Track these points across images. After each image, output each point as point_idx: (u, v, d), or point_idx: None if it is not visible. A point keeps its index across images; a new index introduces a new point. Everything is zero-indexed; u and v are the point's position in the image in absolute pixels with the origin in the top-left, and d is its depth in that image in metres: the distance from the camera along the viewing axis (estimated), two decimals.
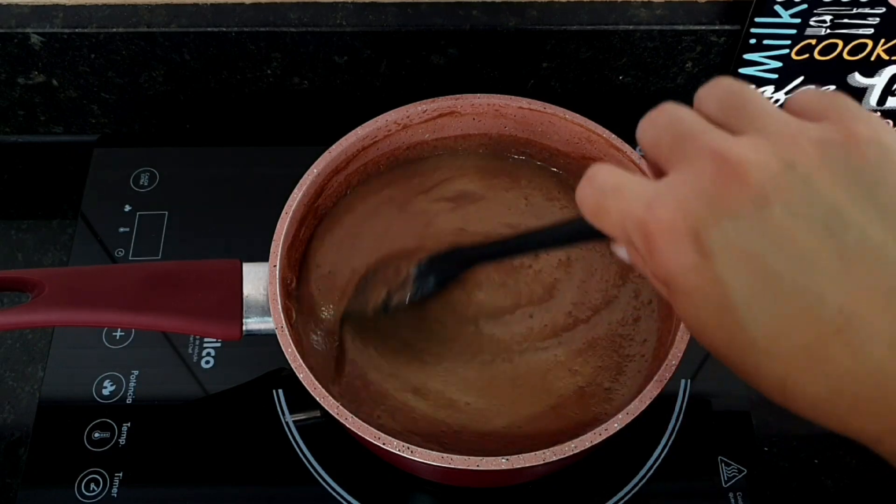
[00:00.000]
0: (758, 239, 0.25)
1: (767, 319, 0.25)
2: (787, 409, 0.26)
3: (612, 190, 0.28)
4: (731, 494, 0.49)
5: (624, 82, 0.61)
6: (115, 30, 0.56)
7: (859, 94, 0.58)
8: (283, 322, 0.44)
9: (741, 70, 0.56)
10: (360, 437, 0.41)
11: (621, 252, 0.31)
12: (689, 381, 0.52)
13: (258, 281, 0.47)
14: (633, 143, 0.50)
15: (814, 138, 0.26)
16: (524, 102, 0.51)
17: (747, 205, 0.25)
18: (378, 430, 0.40)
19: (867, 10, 0.52)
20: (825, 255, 0.24)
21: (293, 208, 0.47)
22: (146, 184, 0.60)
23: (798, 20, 0.53)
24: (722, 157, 0.26)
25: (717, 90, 0.29)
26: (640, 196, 0.27)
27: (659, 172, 0.28)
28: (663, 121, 0.29)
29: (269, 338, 0.44)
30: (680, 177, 0.27)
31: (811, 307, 0.24)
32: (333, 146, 0.50)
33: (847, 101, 0.27)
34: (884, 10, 0.52)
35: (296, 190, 0.48)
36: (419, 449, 0.40)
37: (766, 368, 0.26)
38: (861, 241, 0.24)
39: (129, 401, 0.52)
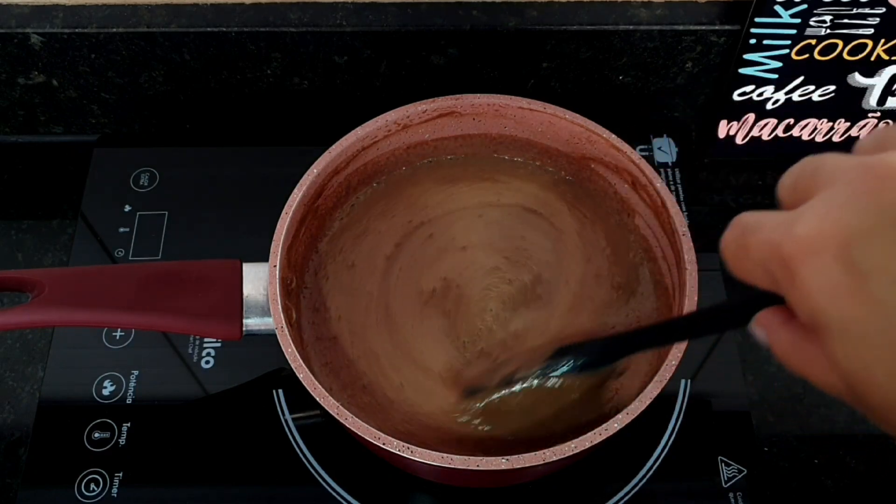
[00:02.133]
0: None
1: None
2: None
3: (753, 225, 0.24)
4: (731, 494, 0.49)
5: (624, 82, 0.61)
6: (115, 30, 0.56)
7: (859, 94, 0.58)
8: (283, 322, 0.44)
9: (741, 70, 0.56)
10: (360, 437, 0.41)
11: (760, 336, 0.27)
12: (689, 381, 0.52)
13: (258, 281, 0.47)
14: (633, 143, 0.50)
15: None
16: (524, 102, 0.51)
17: None
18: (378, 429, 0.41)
19: (867, 10, 0.52)
20: None
21: (293, 208, 0.47)
22: (146, 184, 0.60)
23: (798, 20, 0.53)
24: (869, 166, 0.22)
25: (874, 132, 0.25)
26: (780, 222, 0.23)
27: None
28: (803, 164, 0.25)
29: (269, 338, 0.44)
30: (822, 195, 0.23)
31: None
32: (333, 146, 0.50)
33: None
34: (884, 10, 0.52)
35: (296, 190, 0.48)
36: (419, 449, 0.40)
37: None
38: None
39: (129, 401, 0.52)
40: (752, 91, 0.58)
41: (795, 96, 0.58)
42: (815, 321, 0.22)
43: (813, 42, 0.54)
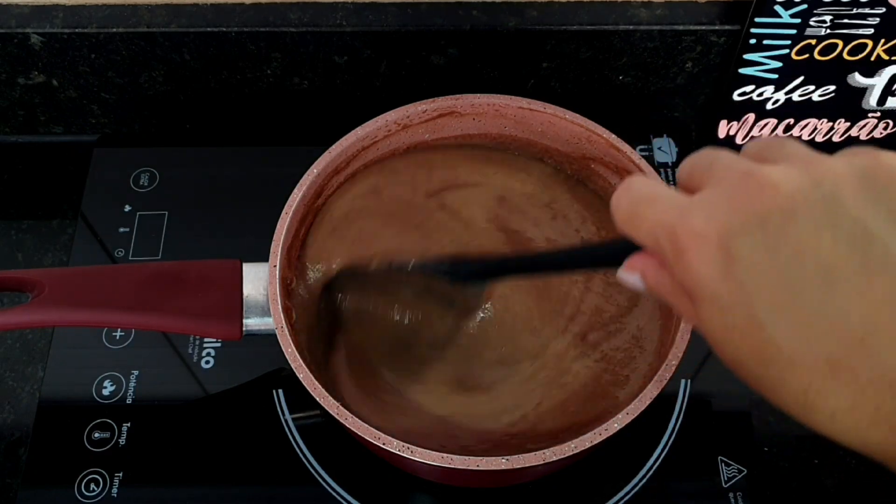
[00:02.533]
0: (784, 249, 0.25)
1: (791, 330, 0.25)
2: (807, 423, 0.27)
3: (647, 198, 0.29)
4: (731, 494, 0.49)
5: (624, 82, 0.61)
6: (115, 30, 0.56)
7: (859, 94, 0.58)
8: (283, 322, 0.44)
9: (741, 70, 0.56)
10: (360, 437, 0.41)
11: (631, 278, 0.32)
12: (689, 381, 0.52)
13: (258, 281, 0.47)
14: (633, 143, 0.50)
15: (841, 163, 0.27)
16: (524, 102, 0.51)
17: (775, 215, 0.25)
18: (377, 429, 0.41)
19: (867, 10, 0.52)
20: (849, 267, 0.25)
21: (293, 208, 0.47)
22: (146, 184, 0.60)
23: (798, 20, 0.53)
24: (752, 174, 0.27)
25: (759, 141, 0.30)
26: (674, 205, 0.28)
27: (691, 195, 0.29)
28: (700, 155, 0.30)
29: (269, 338, 0.44)
30: (712, 191, 0.28)
31: (835, 318, 0.25)
32: (333, 146, 0.50)
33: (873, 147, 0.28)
34: (884, 10, 0.52)
35: (296, 190, 0.48)
36: (419, 449, 0.40)
37: (788, 380, 0.26)
38: (885, 255, 0.25)
39: (129, 401, 0.52)
40: (752, 91, 0.58)
41: (795, 96, 0.58)
42: (691, 290, 0.28)
43: (813, 42, 0.54)
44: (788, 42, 0.54)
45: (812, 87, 0.57)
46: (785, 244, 0.25)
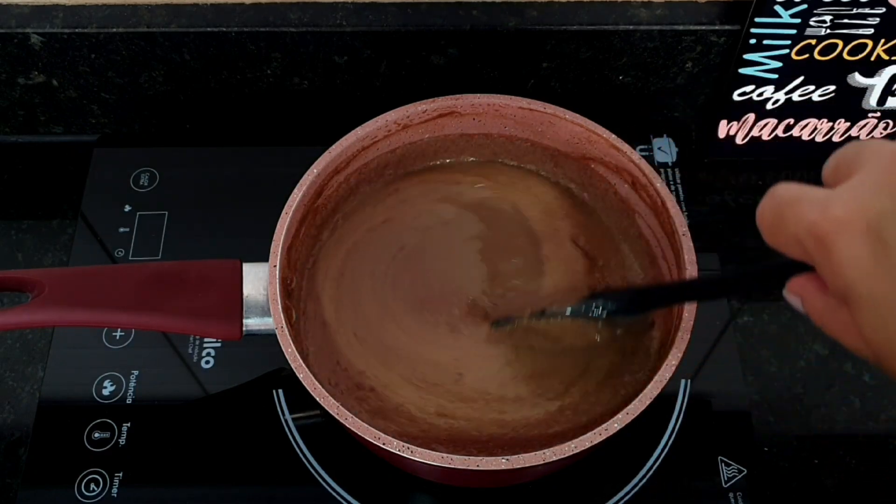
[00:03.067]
0: None
1: None
2: None
3: (789, 200, 0.26)
4: (731, 494, 0.49)
5: (624, 82, 0.61)
6: (115, 30, 0.56)
7: (859, 94, 0.58)
8: (283, 322, 0.44)
9: (741, 70, 0.56)
10: (360, 437, 0.41)
11: (794, 301, 0.29)
12: (689, 381, 0.52)
13: (258, 281, 0.47)
14: (633, 143, 0.50)
15: None
16: (524, 102, 0.51)
17: None
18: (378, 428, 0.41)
19: (867, 10, 0.52)
20: None
21: (293, 208, 0.47)
22: (146, 184, 0.60)
23: (798, 20, 0.53)
24: None
25: None
26: (817, 200, 0.25)
27: None
28: (846, 147, 0.27)
29: (269, 338, 0.44)
30: (858, 178, 0.25)
31: None
32: (333, 146, 0.50)
33: None
34: (884, 10, 0.52)
35: (296, 190, 0.48)
36: (419, 449, 0.40)
37: None
38: None
39: (129, 401, 0.52)
40: (752, 91, 0.58)
41: (795, 96, 0.58)
42: (844, 292, 0.24)
43: (813, 42, 0.54)
44: (788, 42, 0.54)
45: (812, 87, 0.57)
46: None
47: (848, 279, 0.24)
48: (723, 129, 0.60)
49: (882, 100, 0.58)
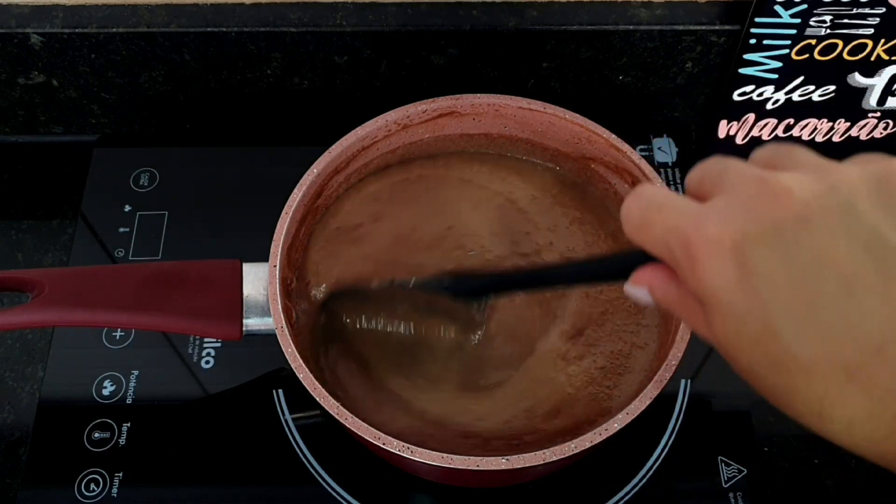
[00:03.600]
0: (800, 256, 0.25)
1: (808, 338, 0.25)
2: (822, 433, 0.26)
3: (658, 206, 0.29)
4: (731, 494, 0.49)
5: (624, 82, 0.61)
6: (115, 30, 0.56)
7: (859, 94, 0.58)
8: (283, 322, 0.44)
9: (741, 70, 0.56)
10: (360, 437, 0.41)
11: (638, 292, 0.31)
12: (689, 381, 0.52)
13: (258, 281, 0.47)
14: (633, 143, 0.50)
15: (855, 170, 0.26)
16: (524, 102, 0.51)
17: (790, 221, 0.25)
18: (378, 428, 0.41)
19: (867, 10, 0.52)
20: (866, 275, 0.24)
21: (293, 208, 0.47)
22: (146, 184, 0.60)
23: (798, 20, 0.53)
24: (766, 181, 0.26)
25: (769, 147, 0.30)
26: (687, 212, 0.28)
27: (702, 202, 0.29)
28: (710, 163, 0.29)
29: (269, 338, 0.44)
30: (725, 198, 0.27)
31: (852, 326, 0.24)
32: (333, 146, 0.50)
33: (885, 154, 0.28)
34: (884, 10, 0.52)
35: (296, 190, 0.48)
36: (419, 449, 0.40)
37: (804, 389, 0.26)
38: None
39: (129, 401, 0.52)
40: (752, 91, 0.58)
41: (795, 96, 0.58)
42: (703, 297, 0.27)
43: (813, 42, 0.54)
44: (788, 42, 0.54)
45: (812, 87, 0.57)
46: (801, 251, 0.25)
47: (709, 288, 0.27)
48: (723, 129, 0.60)
49: (882, 100, 0.58)
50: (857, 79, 0.57)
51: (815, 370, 0.25)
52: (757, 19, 0.53)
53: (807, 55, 0.55)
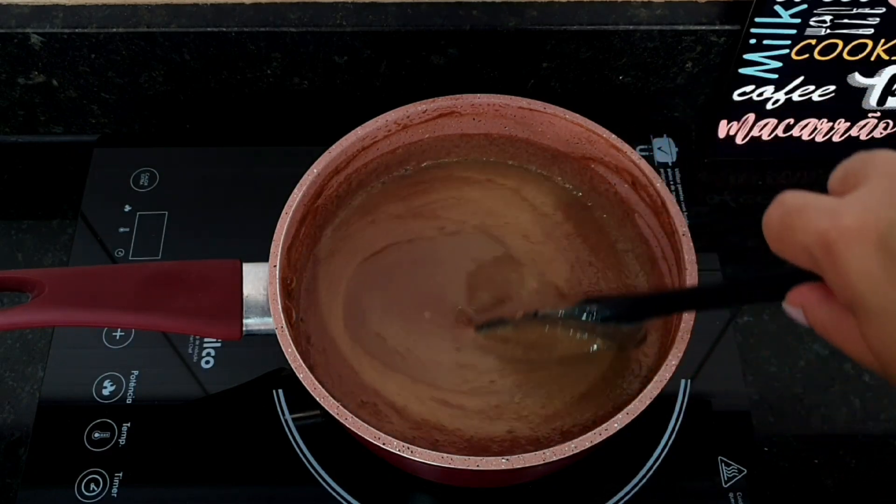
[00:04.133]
0: None
1: None
2: None
3: (798, 209, 0.26)
4: (731, 494, 0.49)
5: (624, 82, 0.61)
6: (115, 30, 0.56)
7: (859, 94, 0.58)
8: (283, 322, 0.44)
9: (741, 70, 0.56)
10: (360, 437, 0.41)
11: (794, 313, 0.29)
12: (689, 381, 0.52)
13: (258, 281, 0.47)
14: (633, 143, 0.50)
15: None
16: (524, 102, 0.51)
17: None
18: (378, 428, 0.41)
19: (867, 10, 0.52)
20: None
21: (293, 208, 0.47)
22: (146, 184, 0.60)
23: (798, 20, 0.53)
24: None
25: None
26: (825, 209, 0.25)
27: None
28: (854, 157, 0.27)
29: (269, 338, 0.44)
30: (867, 188, 0.25)
31: None
32: (333, 146, 0.50)
33: None
34: (884, 10, 0.52)
35: (296, 190, 0.48)
36: (419, 449, 0.40)
37: None
38: None
39: (129, 401, 0.52)
40: (752, 91, 0.58)
41: (795, 96, 0.58)
42: (852, 303, 0.24)
43: (813, 42, 0.54)
44: (788, 42, 0.54)
45: (812, 87, 0.57)
46: None
47: (857, 290, 0.24)
48: (723, 129, 0.60)
49: (882, 100, 0.58)
50: (857, 79, 0.57)
51: None
52: (757, 19, 0.53)
53: (807, 55, 0.55)
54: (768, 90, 0.58)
